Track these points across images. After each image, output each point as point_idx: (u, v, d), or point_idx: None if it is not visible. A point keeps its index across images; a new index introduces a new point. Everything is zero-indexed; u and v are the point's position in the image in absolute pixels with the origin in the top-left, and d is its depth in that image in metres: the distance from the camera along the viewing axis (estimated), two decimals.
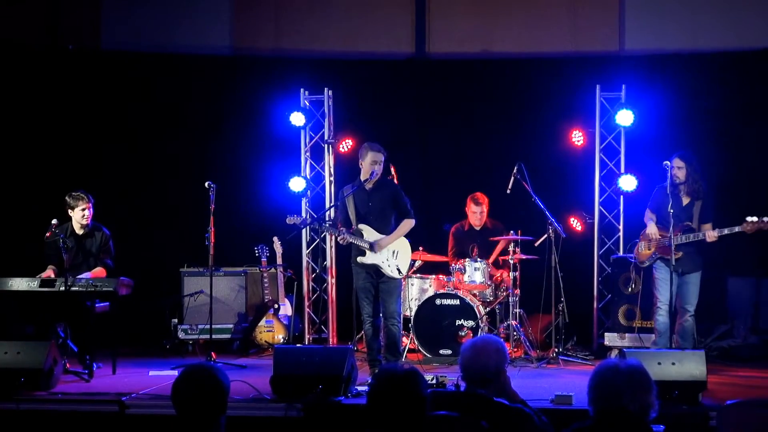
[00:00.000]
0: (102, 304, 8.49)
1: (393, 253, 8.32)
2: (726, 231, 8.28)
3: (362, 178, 8.29)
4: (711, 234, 8.32)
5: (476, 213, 10.12)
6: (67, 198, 8.84)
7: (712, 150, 10.66)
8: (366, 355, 8.54)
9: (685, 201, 8.57)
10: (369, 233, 8.28)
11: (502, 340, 4.94)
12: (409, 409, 3.70)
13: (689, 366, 6.90)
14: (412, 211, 8.45)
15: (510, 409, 4.43)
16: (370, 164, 8.22)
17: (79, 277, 8.32)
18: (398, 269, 8.29)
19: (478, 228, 10.20)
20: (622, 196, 10.21)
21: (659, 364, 6.87)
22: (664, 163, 8.39)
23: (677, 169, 8.51)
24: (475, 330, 9.27)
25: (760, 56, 10.71)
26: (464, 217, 10.31)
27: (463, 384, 4.68)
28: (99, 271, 8.71)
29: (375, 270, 8.30)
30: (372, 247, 8.21)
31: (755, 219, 8.11)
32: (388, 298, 8.31)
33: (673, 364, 6.89)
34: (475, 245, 9.84)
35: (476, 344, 4.67)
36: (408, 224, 8.41)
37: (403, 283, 9.14)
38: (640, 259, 8.89)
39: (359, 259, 8.30)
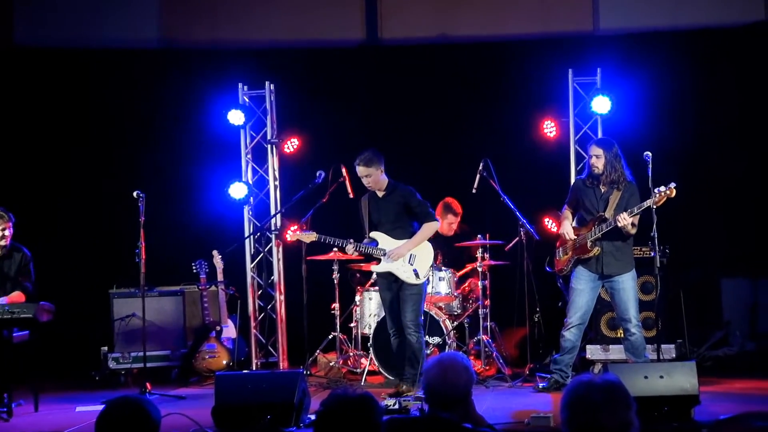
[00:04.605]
0: (20, 333, 8.38)
1: (409, 257, 8.44)
2: (635, 209, 8.11)
3: None
4: (622, 217, 8.07)
5: (453, 224, 10.14)
6: None
7: (697, 133, 10.75)
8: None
9: (603, 191, 8.45)
10: (383, 241, 8.49)
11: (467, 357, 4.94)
12: None
13: (679, 379, 6.91)
14: (433, 212, 8.60)
15: None
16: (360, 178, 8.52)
17: None
18: (415, 273, 8.41)
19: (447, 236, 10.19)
20: None
21: (646, 377, 6.89)
22: (645, 153, 8.38)
23: (595, 158, 8.41)
24: (441, 347, 9.26)
25: (746, 32, 10.82)
26: None
27: (426, 407, 4.67)
28: (16, 296, 8.56)
29: (393, 278, 8.48)
30: (386, 255, 8.42)
31: (662, 188, 7.99)
32: (404, 306, 8.50)
33: (661, 377, 6.91)
34: (440, 252, 9.82)
35: (443, 362, 4.66)
36: (428, 228, 8.53)
37: (429, 284, 9.00)
38: (559, 267, 8.72)
39: (373, 268, 8.64)
